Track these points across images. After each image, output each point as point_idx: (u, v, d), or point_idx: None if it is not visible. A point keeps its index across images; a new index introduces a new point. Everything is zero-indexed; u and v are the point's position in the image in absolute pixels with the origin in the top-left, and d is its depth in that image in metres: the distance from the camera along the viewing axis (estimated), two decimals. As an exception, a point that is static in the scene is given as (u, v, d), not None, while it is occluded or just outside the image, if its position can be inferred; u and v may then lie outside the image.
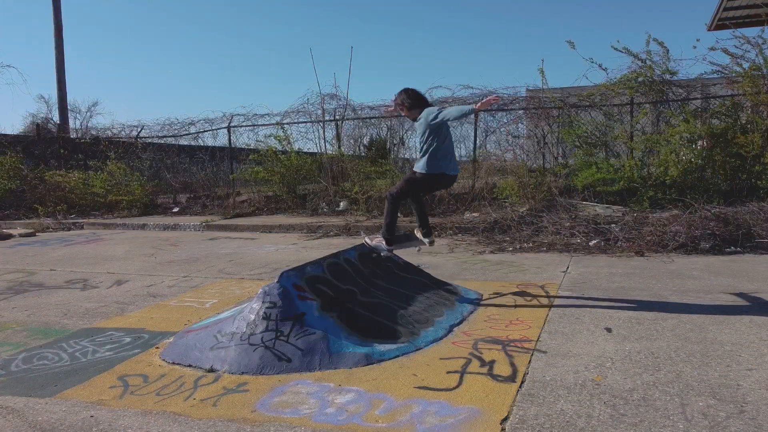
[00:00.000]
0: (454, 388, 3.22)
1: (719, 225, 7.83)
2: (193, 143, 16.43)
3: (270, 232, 11.46)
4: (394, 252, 5.47)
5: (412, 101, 5.09)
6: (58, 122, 20.06)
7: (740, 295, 5.20)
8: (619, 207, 10.12)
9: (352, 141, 14.51)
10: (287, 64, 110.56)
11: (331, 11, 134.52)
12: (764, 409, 2.81)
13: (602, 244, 8.07)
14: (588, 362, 3.55)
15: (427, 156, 4.93)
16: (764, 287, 5.47)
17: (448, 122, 4.85)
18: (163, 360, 3.86)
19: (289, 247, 9.32)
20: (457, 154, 13.91)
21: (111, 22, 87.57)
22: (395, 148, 13.73)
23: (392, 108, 5.37)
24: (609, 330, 4.22)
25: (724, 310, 4.69)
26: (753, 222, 8.08)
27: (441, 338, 4.13)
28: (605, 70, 12.54)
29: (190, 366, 3.72)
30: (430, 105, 5.16)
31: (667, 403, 2.92)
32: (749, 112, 10.58)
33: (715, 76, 10.87)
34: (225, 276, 6.84)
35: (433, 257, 7.85)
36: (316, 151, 14.44)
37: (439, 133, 4.90)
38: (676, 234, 7.80)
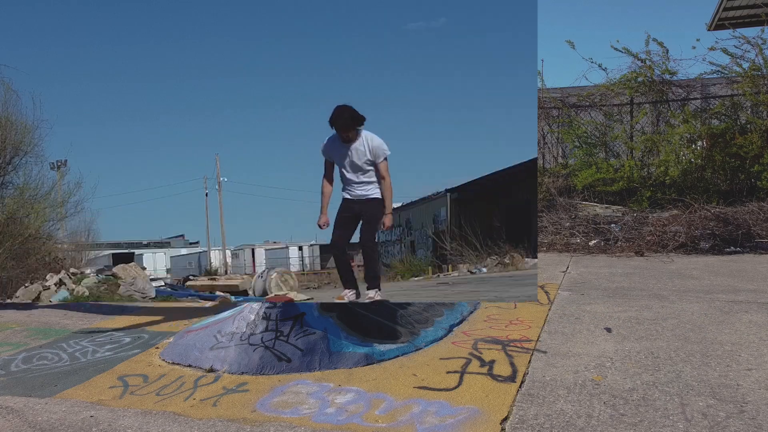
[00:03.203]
0: (454, 388, 3.22)
1: (719, 225, 7.83)
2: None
3: (270, 232, 11.44)
4: None
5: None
6: None
7: (740, 295, 5.19)
8: (619, 207, 10.12)
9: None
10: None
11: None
12: (764, 409, 2.81)
13: (602, 244, 8.07)
14: (588, 362, 3.55)
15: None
16: (764, 287, 5.47)
17: None
18: (163, 360, 3.86)
19: (289, 247, 9.31)
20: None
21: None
22: (395, 148, 13.71)
23: None
24: (609, 330, 4.21)
25: (724, 310, 4.68)
26: (753, 222, 8.08)
27: (441, 338, 4.13)
28: (605, 70, 12.50)
29: (190, 366, 3.72)
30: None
31: (667, 403, 2.92)
32: (748, 112, 10.58)
33: (715, 76, 10.86)
34: (225, 276, 6.83)
35: (432, 257, 7.84)
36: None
37: None
38: (675, 234, 7.80)
